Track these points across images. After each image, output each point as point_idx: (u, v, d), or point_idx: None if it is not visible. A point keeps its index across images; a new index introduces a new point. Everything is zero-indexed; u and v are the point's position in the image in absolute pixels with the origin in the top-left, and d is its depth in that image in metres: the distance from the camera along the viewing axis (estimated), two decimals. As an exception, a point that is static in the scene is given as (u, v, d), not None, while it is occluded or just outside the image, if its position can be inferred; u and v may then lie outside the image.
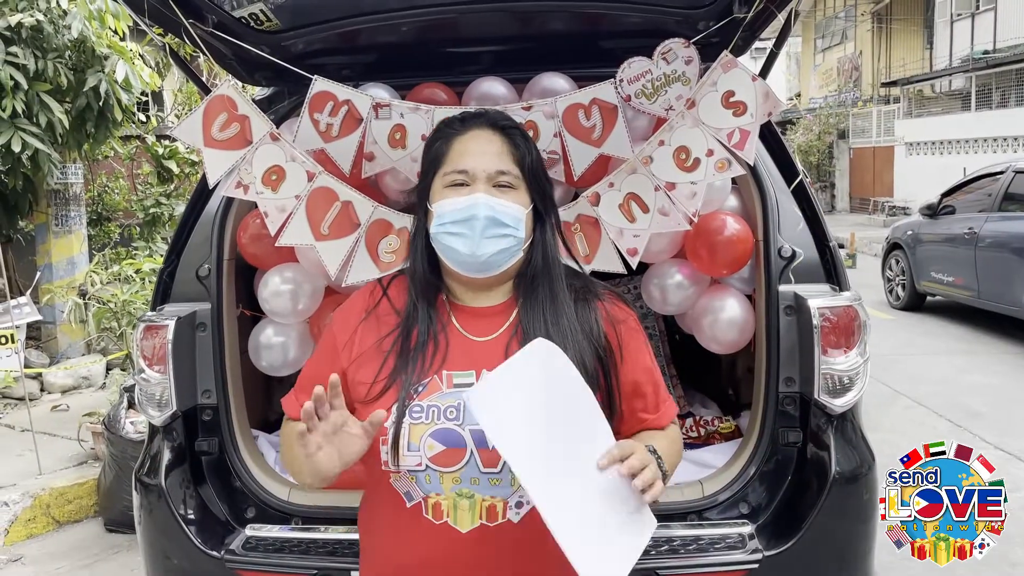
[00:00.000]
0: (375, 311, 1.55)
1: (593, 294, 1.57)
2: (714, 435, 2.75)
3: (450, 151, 1.53)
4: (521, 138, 1.56)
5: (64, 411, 6.06)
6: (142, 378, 2.33)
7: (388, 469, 1.43)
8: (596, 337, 1.50)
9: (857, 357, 2.18)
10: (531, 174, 1.54)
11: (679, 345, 3.29)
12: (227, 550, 2.21)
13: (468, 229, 1.45)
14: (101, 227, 8.14)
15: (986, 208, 8.40)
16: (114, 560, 4.05)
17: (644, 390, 1.55)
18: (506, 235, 1.47)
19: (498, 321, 1.52)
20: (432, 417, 1.41)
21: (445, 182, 1.51)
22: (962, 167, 16.59)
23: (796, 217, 2.32)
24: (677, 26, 2.32)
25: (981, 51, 21.30)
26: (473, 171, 1.49)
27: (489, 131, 1.54)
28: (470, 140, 1.53)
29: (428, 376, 1.45)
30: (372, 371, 1.47)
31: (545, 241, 1.55)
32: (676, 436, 1.61)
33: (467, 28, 2.46)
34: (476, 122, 1.56)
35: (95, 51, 5.95)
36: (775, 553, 2.09)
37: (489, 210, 1.46)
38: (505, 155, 1.52)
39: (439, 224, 1.48)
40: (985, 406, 6.05)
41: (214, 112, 2.17)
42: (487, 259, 1.47)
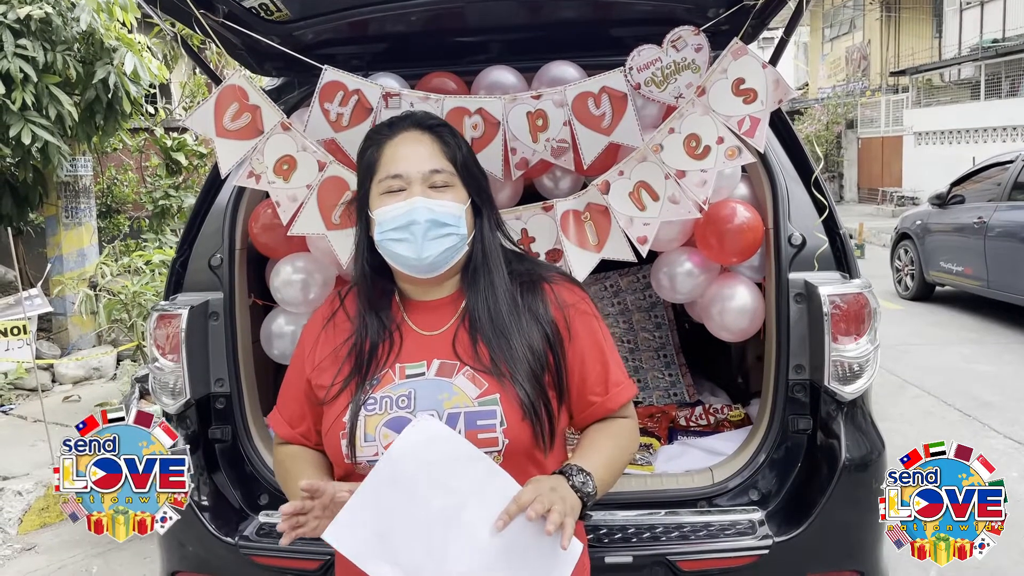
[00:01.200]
0: (333, 320, 1.60)
1: (539, 276, 1.59)
2: (724, 423, 2.75)
3: (382, 157, 1.54)
4: (450, 135, 1.57)
5: (76, 402, 6.11)
6: (156, 367, 2.35)
7: (349, 462, 1.46)
8: (542, 318, 1.53)
9: (867, 344, 2.18)
10: (464, 169, 1.55)
11: (688, 334, 3.30)
12: (241, 536, 2.23)
13: (410, 234, 1.47)
14: (110, 219, 8.18)
15: (996, 197, 8.35)
16: (127, 548, 4.07)
17: (592, 370, 1.55)
18: (448, 234, 1.49)
19: (447, 313, 1.55)
20: (385, 407, 1.45)
21: (381, 188, 1.52)
22: (971, 156, 16.49)
23: (806, 205, 2.32)
24: (686, 14, 2.32)
25: (991, 39, 21.14)
26: (407, 174, 1.50)
27: (417, 132, 1.55)
28: (400, 144, 1.54)
29: (383, 370, 1.49)
30: (330, 376, 1.52)
31: (483, 234, 1.57)
32: (627, 427, 1.59)
33: (476, 17, 2.46)
34: (403, 124, 1.57)
35: (103, 43, 5.97)
36: (786, 539, 2.10)
37: (428, 213, 1.48)
38: (436, 154, 1.53)
39: (381, 232, 1.50)
40: (994, 396, 6.04)
41: (225, 102, 2.18)
42: (432, 260, 1.49)
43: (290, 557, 2.18)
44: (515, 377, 1.44)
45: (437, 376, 1.46)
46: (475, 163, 1.59)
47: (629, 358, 3.20)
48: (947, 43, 24.31)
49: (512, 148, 2.28)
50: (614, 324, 3.26)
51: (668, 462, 2.48)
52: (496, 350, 1.47)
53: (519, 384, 1.44)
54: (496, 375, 1.45)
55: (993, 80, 20.89)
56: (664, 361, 3.15)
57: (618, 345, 3.24)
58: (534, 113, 2.25)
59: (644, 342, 3.17)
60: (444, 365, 1.47)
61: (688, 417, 2.82)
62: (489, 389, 1.44)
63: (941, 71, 23.65)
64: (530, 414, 1.43)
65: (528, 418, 1.43)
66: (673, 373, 3.11)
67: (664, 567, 2.09)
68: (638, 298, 3.25)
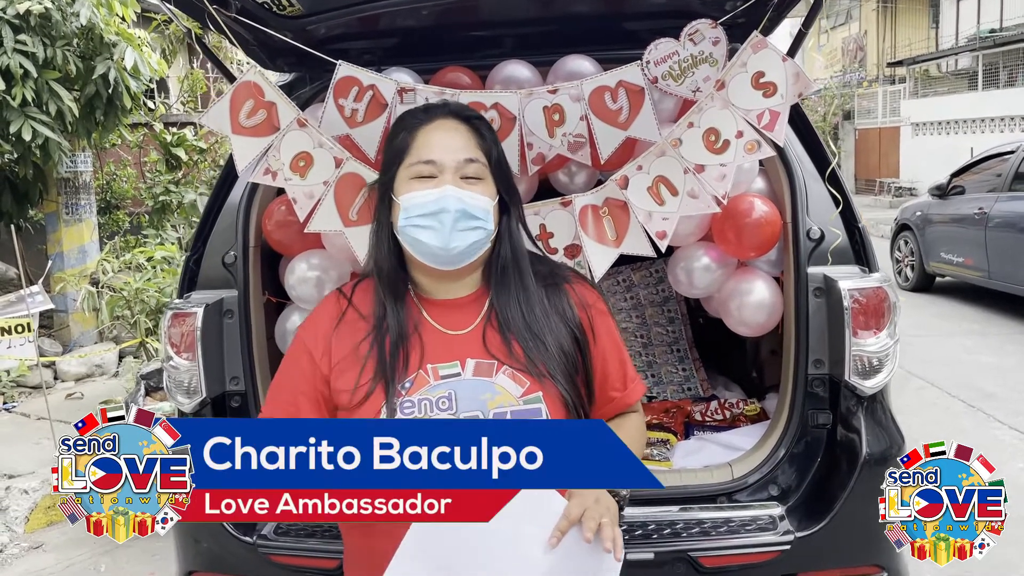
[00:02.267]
0: (344, 319, 1.53)
1: (561, 277, 1.58)
2: (739, 417, 2.75)
3: (414, 141, 1.50)
4: (486, 128, 1.55)
5: (79, 399, 6.10)
6: (171, 365, 2.33)
7: None
8: (570, 320, 1.52)
9: (887, 338, 2.17)
10: (496, 165, 1.53)
11: (702, 329, 3.29)
12: (259, 535, 2.22)
13: (438, 222, 1.43)
14: (110, 215, 8.15)
15: (996, 188, 8.35)
16: (134, 546, 4.07)
17: (612, 368, 1.56)
18: (476, 227, 1.46)
19: (471, 312, 1.52)
20: (425, 410, 1.41)
21: (411, 174, 1.48)
22: (969, 147, 16.52)
23: (824, 199, 2.31)
24: (703, 7, 2.30)
25: (988, 30, 21.16)
26: (441, 161, 1.46)
27: (454, 120, 1.52)
28: (435, 130, 1.50)
29: (412, 372, 1.44)
30: (352, 377, 1.45)
31: (512, 232, 1.55)
32: (639, 421, 1.62)
33: (490, 11, 2.44)
34: (439, 112, 1.54)
35: (103, 38, 5.94)
36: (807, 534, 2.10)
37: (459, 203, 1.44)
38: (471, 145, 1.50)
39: (406, 217, 1.46)
40: (998, 387, 6.05)
41: (241, 99, 2.16)
42: (460, 252, 1.46)
43: (309, 556, 2.18)
44: (555, 376, 1.44)
45: (475, 376, 1.43)
46: (506, 161, 1.57)
47: (643, 352, 3.20)
48: (944, 33, 24.33)
49: (528, 143, 2.26)
50: (627, 319, 3.25)
51: (686, 457, 2.47)
52: (532, 350, 1.45)
53: (559, 383, 1.43)
54: (535, 374, 1.43)
55: (991, 70, 20.90)
56: (678, 356, 3.15)
57: (631, 340, 3.23)
58: (551, 108, 2.23)
59: (657, 336, 3.17)
60: (481, 364, 1.44)
61: (704, 412, 2.82)
62: (531, 388, 1.43)
63: (938, 62, 23.65)
64: (573, 411, 1.43)
65: (571, 415, 1.43)
66: (687, 367, 3.11)
67: (685, 563, 2.08)
68: (651, 293, 3.24)
